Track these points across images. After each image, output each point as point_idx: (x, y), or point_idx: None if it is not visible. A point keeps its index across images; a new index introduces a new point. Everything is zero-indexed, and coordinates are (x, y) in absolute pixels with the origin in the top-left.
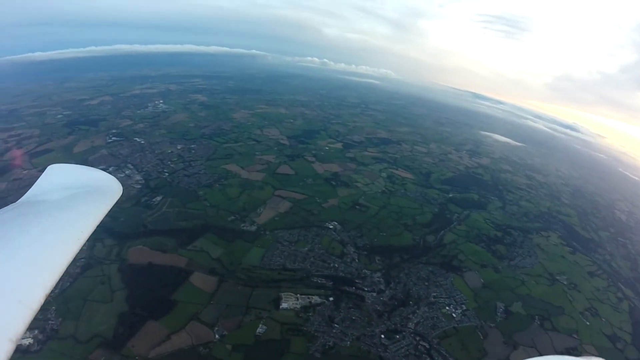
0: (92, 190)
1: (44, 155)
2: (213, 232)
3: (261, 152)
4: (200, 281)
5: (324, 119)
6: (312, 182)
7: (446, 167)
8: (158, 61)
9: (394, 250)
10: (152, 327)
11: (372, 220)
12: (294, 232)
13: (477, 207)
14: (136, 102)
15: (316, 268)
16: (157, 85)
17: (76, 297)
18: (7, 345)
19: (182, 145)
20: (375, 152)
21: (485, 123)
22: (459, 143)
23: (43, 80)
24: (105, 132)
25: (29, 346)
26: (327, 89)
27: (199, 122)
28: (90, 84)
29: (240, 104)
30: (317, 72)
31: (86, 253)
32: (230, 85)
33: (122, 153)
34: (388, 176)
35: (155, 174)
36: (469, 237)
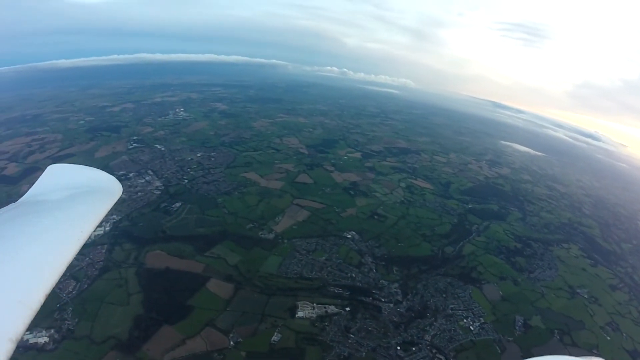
0: (92, 190)
1: (66, 159)
2: (231, 240)
3: (280, 160)
4: (216, 288)
5: (343, 129)
6: (331, 191)
7: (466, 177)
8: (179, 70)
9: (412, 261)
10: (167, 331)
11: (391, 230)
12: (312, 241)
13: (497, 218)
14: (157, 109)
15: (333, 277)
16: (178, 93)
17: (93, 298)
18: (7, 345)
19: (202, 152)
20: (394, 162)
21: (506, 132)
22: (478, 153)
23: (66, 87)
24: (126, 139)
25: (44, 345)
26: (346, 98)
27: (219, 130)
28: (112, 91)
29: (261, 113)
30: (337, 81)
31: (105, 256)
32: (250, 94)
33: (142, 159)
34: (407, 186)
35: (175, 181)
36: (488, 248)
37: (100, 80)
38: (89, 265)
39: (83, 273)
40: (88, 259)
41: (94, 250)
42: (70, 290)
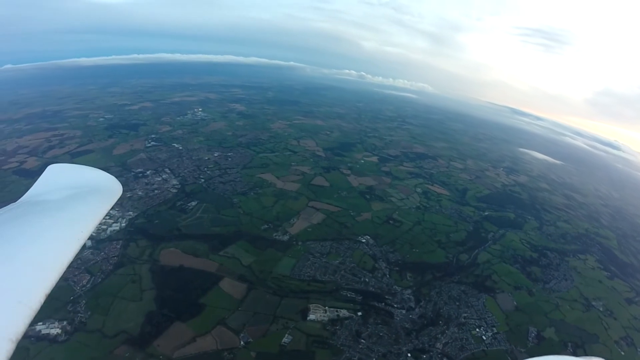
0: (92, 190)
1: (85, 155)
2: (245, 240)
3: (297, 162)
4: (229, 287)
5: (361, 132)
6: (347, 194)
7: (483, 184)
8: (198, 70)
9: (426, 268)
10: (179, 328)
11: (406, 235)
12: (326, 244)
13: (513, 226)
14: (176, 109)
15: (346, 281)
16: (197, 93)
17: (106, 293)
18: (7, 345)
19: (219, 152)
20: (411, 167)
21: (524, 139)
22: (496, 160)
23: (87, 85)
24: (144, 137)
25: (56, 336)
26: (364, 102)
27: (237, 130)
28: (132, 90)
29: (278, 115)
30: (355, 85)
31: (120, 251)
32: (268, 95)
33: (160, 157)
34: (423, 192)
35: (191, 180)
36: (503, 257)
37: (120, 78)
38: (104, 260)
39: (98, 267)
40: (103, 254)
41: (109, 245)
42: (84, 283)
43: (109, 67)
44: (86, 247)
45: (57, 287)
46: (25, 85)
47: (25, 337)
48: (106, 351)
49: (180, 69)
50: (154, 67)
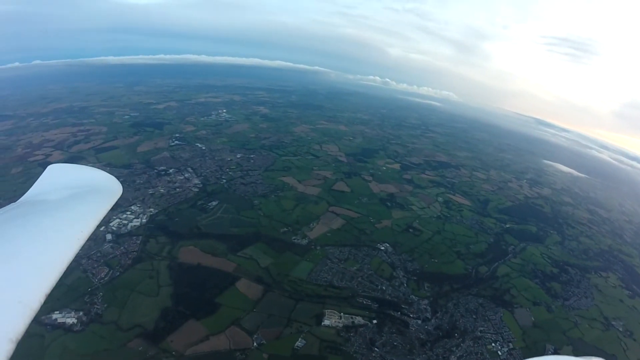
0: (92, 190)
1: (109, 151)
2: (264, 242)
3: (319, 167)
4: (246, 288)
5: (383, 139)
6: (367, 201)
7: (505, 195)
8: (224, 72)
9: (444, 279)
10: (193, 326)
11: (425, 245)
12: (345, 249)
13: (535, 240)
14: (200, 109)
15: (363, 288)
16: (222, 95)
17: (124, 286)
18: (7, 345)
19: (241, 154)
20: (433, 176)
21: (548, 151)
22: (519, 171)
23: (114, 83)
24: (168, 136)
25: (71, 325)
26: (388, 108)
27: (260, 133)
28: (158, 89)
29: (302, 119)
30: (379, 91)
31: (139, 247)
32: (292, 99)
33: (183, 157)
34: (444, 201)
35: (213, 180)
36: (523, 271)
37: (147, 78)
38: (123, 254)
39: (117, 261)
40: (123, 248)
41: (129, 240)
42: (102, 276)
43: (136, 66)
44: (106, 241)
45: (76, 277)
46: (53, 81)
47: (41, 325)
48: (120, 343)
49: (206, 70)
50: (179, 68)
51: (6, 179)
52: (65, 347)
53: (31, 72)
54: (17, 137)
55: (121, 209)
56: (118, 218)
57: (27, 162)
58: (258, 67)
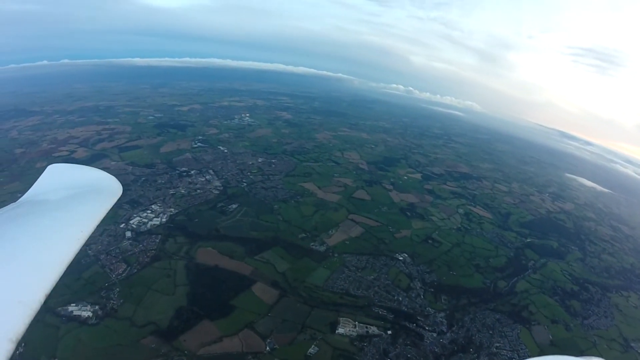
0: (92, 190)
1: (132, 150)
2: (282, 247)
3: (340, 174)
4: (261, 292)
5: (405, 148)
6: (387, 210)
7: (527, 209)
8: (248, 77)
9: (462, 292)
10: (207, 326)
11: (444, 257)
12: (363, 258)
13: (555, 256)
14: (224, 113)
15: (379, 298)
16: (245, 99)
17: (140, 283)
18: (7, 345)
19: (263, 158)
20: (454, 187)
21: (572, 165)
22: (542, 184)
23: (139, 84)
24: (191, 138)
25: (87, 318)
26: (410, 117)
27: (282, 138)
28: (182, 92)
29: (324, 125)
30: (402, 99)
31: (158, 245)
32: (315, 105)
33: (205, 159)
34: (465, 213)
35: (234, 183)
36: (543, 287)
37: (172, 80)
38: (142, 252)
39: (135, 258)
40: (141, 246)
41: (148, 238)
42: (120, 272)
43: (161, 68)
44: (126, 238)
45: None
46: (80, 80)
47: (57, 316)
48: (133, 339)
49: (230, 74)
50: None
51: (30, 173)
52: (79, 340)
53: (59, 70)
54: (43, 133)
55: (142, 208)
56: (138, 216)
57: (52, 157)
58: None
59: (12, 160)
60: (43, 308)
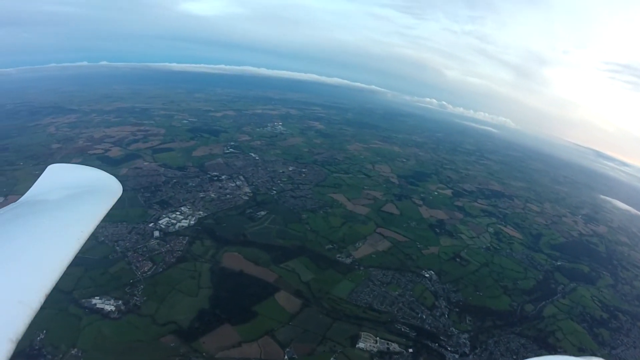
0: (92, 190)
1: (166, 152)
2: (308, 256)
3: (370, 187)
4: (284, 300)
5: (437, 163)
6: (416, 225)
7: (558, 230)
8: (282, 86)
9: (487, 313)
10: (227, 330)
11: (471, 276)
12: (388, 273)
13: (586, 280)
14: (257, 120)
15: (403, 315)
16: (278, 107)
17: (165, 283)
18: (7, 345)
19: (293, 167)
20: (485, 205)
21: (607, 186)
22: (575, 206)
23: (175, 88)
24: (224, 143)
25: (109, 312)
26: (443, 132)
27: (314, 148)
28: (217, 98)
29: (356, 137)
30: (435, 113)
31: (184, 247)
32: (348, 117)
33: (236, 164)
34: (495, 232)
35: (263, 190)
36: (571, 313)
37: (207, 86)
38: (168, 252)
39: (161, 258)
40: (168, 246)
41: (175, 239)
42: (145, 270)
43: (197, 74)
44: (153, 237)
45: (120, 268)
46: (118, 82)
47: (80, 307)
48: (153, 337)
49: (265, 82)
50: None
51: None
52: (99, 332)
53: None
54: (80, 130)
55: (171, 209)
56: (167, 217)
57: (87, 154)
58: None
59: (48, 154)
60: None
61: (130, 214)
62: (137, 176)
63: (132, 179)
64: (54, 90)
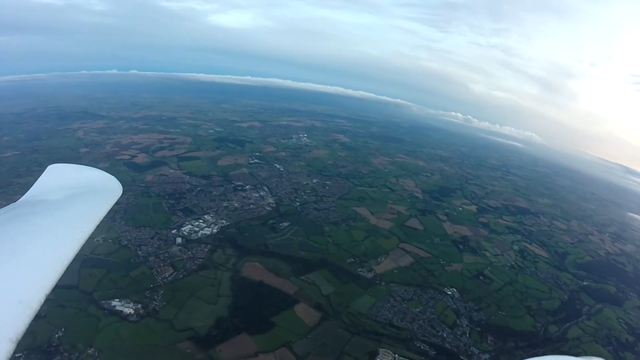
0: (92, 190)
1: (191, 160)
2: (329, 269)
3: (393, 201)
4: (303, 312)
5: (462, 178)
6: (439, 241)
7: (585, 249)
8: (307, 98)
9: (509, 334)
10: (244, 340)
11: (494, 295)
12: (410, 289)
13: (612, 302)
14: (282, 131)
15: (423, 332)
16: (304, 119)
17: (185, 289)
18: (7, 345)
19: (317, 179)
20: (510, 221)
21: (635, 203)
22: (602, 224)
23: (202, 98)
24: (249, 154)
25: (128, 315)
26: (468, 146)
27: (338, 161)
28: (243, 109)
29: (381, 150)
30: (460, 128)
31: (206, 255)
32: (373, 130)
33: (260, 175)
34: (520, 250)
35: (287, 201)
36: (596, 336)
37: (233, 97)
38: (190, 259)
39: (182, 264)
40: (190, 253)
41: (197, 246)
42: (166, 275)
43: (224, 85)
44: (176, 244)
45: (141, 272)
46: (147, 90)
47: (99, 308)
48: (170, 342)
49: (290, 94)
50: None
51: None
52: (117, 333)
53: (127, 80)
54: (108, 136)
55: (194, 217)
56: (190, 224)
57: (114, 159)
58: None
59: (76, 158)
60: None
61: (154, 220)
62: (162, 183)
63: (157, 186)
64: (84, 97)
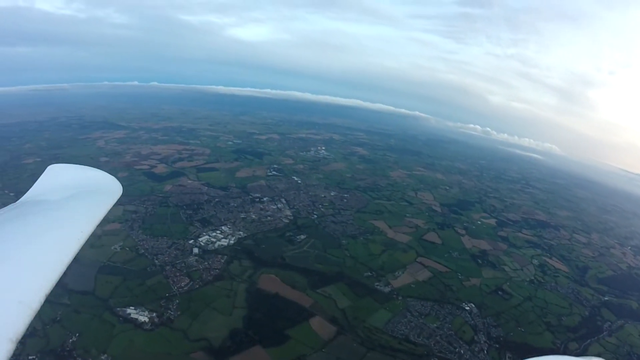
0: (92, 190)
1: (209, 172)
2: (345, 283)
3: (412, 214)
4: (319, 326)
5: (481, 191)
6: (458, 256)
7: (606, 263)
8: (326, 111)
9: (528, 351)
10: (258, 352)
11: (513, 310)
12: (427, 304)
13: (635, 318)
14: (300, 144)
15: (439, 349)
16: (322, 132)
17: (200, 299)
18: (7, 345)
19: (335, 192)
20: (530, 235)
21: None
22: (624, 236)
23: (221, 110)
24: (267, 166)
25: (142, 323)
26: (487, 159)
27: (356, 173)
28: (261, 121)
29: (399, 163)
30: (479, 140)
31: (222, 266)
32: (391, 143)
33: (278, 187)
34: (540, 264)
35: (304, 214)
36: (617, 353)
37: (252, 109)
38: (206, 269)
39: (198, 274)
40: (206, 264)
41: (214, 257)
42: (182, 285)
43: (243, 97)
44: (192, 254)
45: (157, 281)
46: (167, 102)
47: (114, 315)
48: (184, 351)
49: (309, 107)
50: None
51: None
52: (131, 341)
53: (148, 91)
54: (128, 146)
55: (212, 227)
56: (207, 235)
57: (133, 169)
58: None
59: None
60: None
61: (172, 230)
62: (180, 193)
63: (175, 196)
64: (105, 107)
